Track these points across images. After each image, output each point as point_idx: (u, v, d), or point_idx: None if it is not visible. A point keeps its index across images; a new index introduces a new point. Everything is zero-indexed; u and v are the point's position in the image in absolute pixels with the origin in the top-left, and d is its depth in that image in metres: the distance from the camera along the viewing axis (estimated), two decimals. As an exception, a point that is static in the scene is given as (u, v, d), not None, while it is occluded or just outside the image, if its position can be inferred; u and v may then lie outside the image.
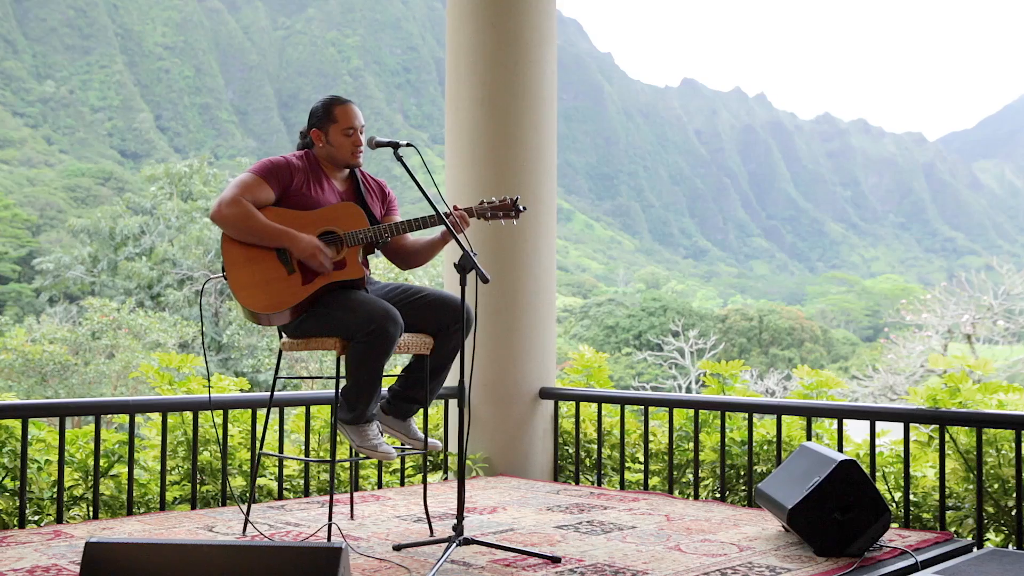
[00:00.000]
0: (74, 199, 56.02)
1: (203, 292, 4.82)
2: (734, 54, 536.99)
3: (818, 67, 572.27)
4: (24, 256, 43.12)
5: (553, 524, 4.04)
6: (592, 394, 5.33)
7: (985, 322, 27.03)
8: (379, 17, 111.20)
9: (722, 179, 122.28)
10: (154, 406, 4.39)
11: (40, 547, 3.54)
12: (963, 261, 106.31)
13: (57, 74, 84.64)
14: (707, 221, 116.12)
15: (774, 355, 45.51)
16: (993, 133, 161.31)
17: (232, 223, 3.43)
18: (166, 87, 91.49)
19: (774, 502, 3.77)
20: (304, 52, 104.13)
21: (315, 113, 3.66)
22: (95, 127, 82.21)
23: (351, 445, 3.61)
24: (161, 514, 4.26)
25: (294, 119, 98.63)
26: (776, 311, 52.10)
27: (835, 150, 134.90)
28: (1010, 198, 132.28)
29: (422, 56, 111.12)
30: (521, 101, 5.45)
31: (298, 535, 3.78)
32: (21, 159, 67.70)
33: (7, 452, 4.14)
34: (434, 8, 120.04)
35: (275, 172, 3.54)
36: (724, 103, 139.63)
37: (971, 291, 27.43)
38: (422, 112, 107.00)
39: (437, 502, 4.53)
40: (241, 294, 3.44)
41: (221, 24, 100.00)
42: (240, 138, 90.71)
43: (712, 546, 3.66)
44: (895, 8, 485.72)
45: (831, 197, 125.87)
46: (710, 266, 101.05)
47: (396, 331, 3.43)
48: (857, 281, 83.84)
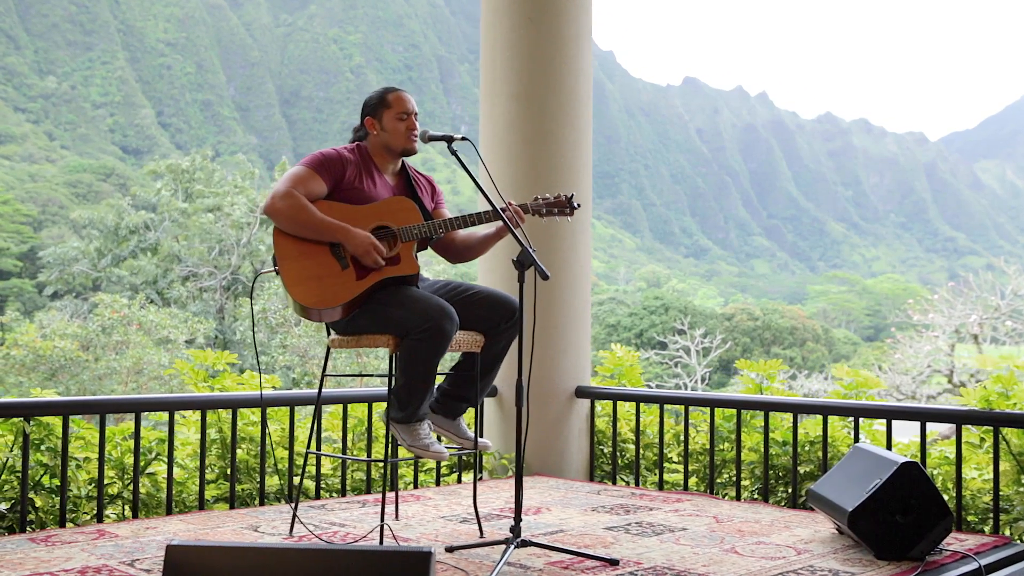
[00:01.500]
0: (75, 195, 55.96)
1: (252, 289, 4.79)
2: (736, 53, 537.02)
3: (820, 66, 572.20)
4: (26, 252, 43.08)
5: (602, 525, 3.98)
6: (630, 393, 5.27)
7: (992, 322, 26.99)
8: (381, 14, 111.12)
9: (723, 178, 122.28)
10: (194, 403, 4.32)
11: (87, 547, 3.47)
12: (964, 261, 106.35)
13: (59, 70, 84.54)
14: (708, 220, 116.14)
15: (776, 354, 45.48)
16: (994, 133, 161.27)
17: (286, 216, 3.36)
18: (168, 83, 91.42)
19: (830, 504, 3.70)
20: (306, 49, 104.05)
21: (368, 103, 3.60)
22: (96, 123, 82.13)
23: (402, 444, 3.54)
24: (201, 513, 4.19)
25: (295, 116, 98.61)
26: (778, 310, 52.10)
27: (836, 149, 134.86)
28: (1011, 198, 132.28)
29: (424, 54, 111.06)
30: (558, 96, 5.38)
31: (345, 535, 3.72)
32: (23, 155, 67.62)
33: (45, 449, 4.08)
34: (436, 6, 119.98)
35: (327, 165, 3.47)
36: (726, 102, 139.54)
37: (978, 291, 27.41)
38: (424, 109, 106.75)
39: (479, 501, 4.46)
40: (294, 289, 3.37)
41: (223, 20, 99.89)
42: (241, 135, 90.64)
43: (768, 548, 3.59)
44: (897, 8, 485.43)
45: (832, 196, 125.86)
46: (711, 265, 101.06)
47: (452, 328, 3.36)
48: (858, 281, 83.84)
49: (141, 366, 14.38)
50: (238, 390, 4.82)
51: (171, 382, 14.83)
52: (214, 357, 4.89)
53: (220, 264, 23.69)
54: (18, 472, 4.02)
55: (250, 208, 23.04)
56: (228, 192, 23.46)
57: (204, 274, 23.75)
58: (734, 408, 4.90)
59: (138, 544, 3.53)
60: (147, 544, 3.53)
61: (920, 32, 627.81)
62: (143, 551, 3.42)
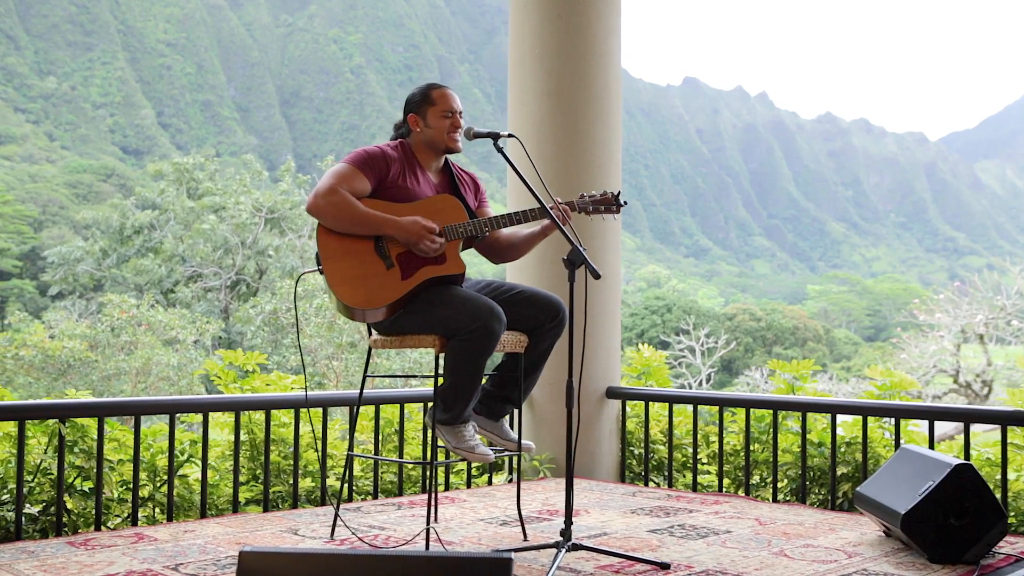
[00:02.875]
0: (76, 195, 55.92)
1: (296, 287, 4.64)
2: (736, 53, 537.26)
3: (820, 66, 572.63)
4: (26, 252, 43.01)
5: (645, 528, 3.92)
6: (662, 394, 5.21)
7: (997, 322, 26.97)
8: (381, 14, 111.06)
9: (723, 178, 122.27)
10: (228, 405, 4.26)
11: (127, 551, 3.42)
12: (964, 261, 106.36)
13: (59, 70, 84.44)
14: (708, 220, 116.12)
15: (777, 354, 45.43)
16: (995, 133, 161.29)
17: (331, 213, 3.31)
18: (168, 84, 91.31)
19: (880, 506, 3.65)
20: (306, 49, 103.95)
21: (412, 100, 3.54)
22: (97, 123, 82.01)
23: (447, 446, 3.49)
24: (237, 516, 4.13)
25: (296, 116, 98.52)
26: (779, 310, 52.07)
27: (837, 149, 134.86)
28: (1011, 198, 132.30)
29: (424, 54, 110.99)
30: (587, 93, 5.33)
31: (387, 539, 3.66)
32: (23, 155, 67.55)
33: (77, 451, 4.02)
34: (436, 6, 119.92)
35: (371, 162, 3.41)
36: (726, 102, 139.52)
37: (984, 291, 27.38)
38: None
39: (514, 504, 4.41)
40: (339, 289, 3.31)
41: (223, 21, 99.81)
42: (242, 135, 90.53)
43: (818, 552, 3.54)
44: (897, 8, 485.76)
45: (832, 196, 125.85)
46: (711, 265, 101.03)
47: (500, 328, 3.30)
48: (858, 281, 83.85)
49: (150, 366, 14.32)
50: (267, 391, 4.77)
51: (179, 383, 14.78)
52: (244, 358, 4.83)
53: (224, 264, 23.62)
54: (50, 475, 3.96)
55: (256, 208, 22.98)
56: (234, 192, 23.39)
57: (209, 274, 23.68)
58: (770, 409, 4.84)
59: (179, 548, 3.47)
60: (188, 548, 3.47)
61: (920, 32, 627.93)
62: (185, 555, 3.36)
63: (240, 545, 3.52)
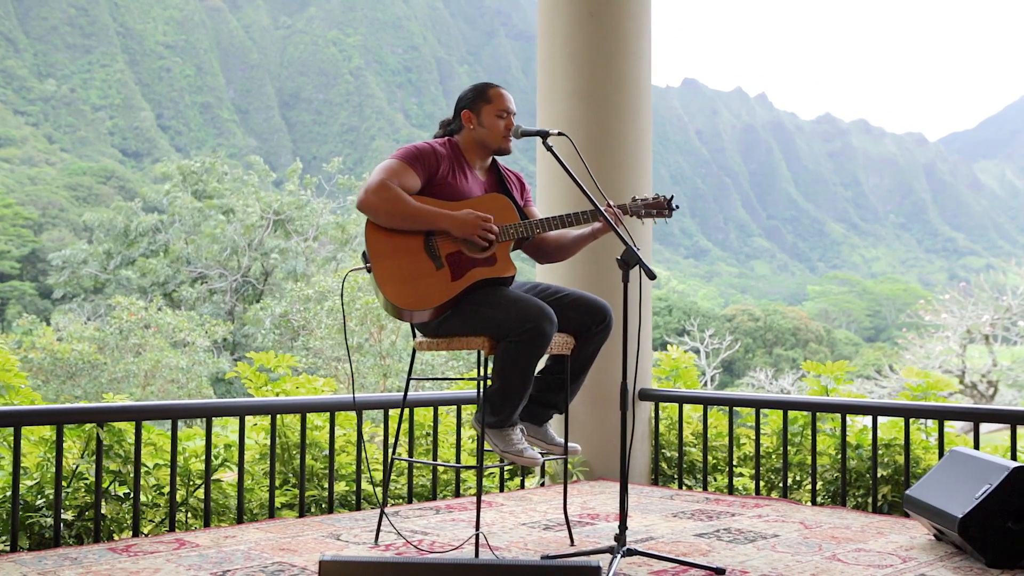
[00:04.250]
0: (76, 198, 55.82)
1: (343, 287, 4.69)
2: (735, 54, 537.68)
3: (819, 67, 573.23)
4: (27, 254, 42.90)
5: (690, 532, 3.87)
6: (697, 396, 5.15)
7: (1003, 322, 26.94)
8: (380, 16, 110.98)
9: (723, 179, 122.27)
10: (264, 408, 4.20)
11: (170, 557, 3.36)
12: (964, 261, 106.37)
13: (58, 73, 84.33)
14: (708, 221, 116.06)
15: (778, 355, 45.37)
16: (994, 133, 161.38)
17: (382, 209, 3.24)
18: (167, 86, 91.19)
19: (932, 509, 3.59)
20: (305, 51, 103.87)
21: (465, 96, 3.48)
22: (96, 126, 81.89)
23: (494, 450, 3.43)
24: (275, 521, 4.07)
25: (295, 118, 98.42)
26: (779, 311, 52.01)
27: (836, 150, 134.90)
28: (1011, 199, 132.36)
29: (423, 55, 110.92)
30: (619, 94, 5.27)
31: (432, 544, 3.60)
32: (22, 158, 67.47)
33: (112, 455, 3.96)
34: (435, 8, 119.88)
35: (420, 158, 3.35)
36: (725, 103, 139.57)
37: (990, 291, 27.35)
38: (423, 111, 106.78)
39: (553, 508, 4.36)
40: (388, 288, 3.25)
41: (222, 23, 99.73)
42: (241, 137, 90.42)
43: (871, 556, 3.48)
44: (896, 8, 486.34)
45: (832, 197, 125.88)
46: (711, 266, 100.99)
47: (552, 331, 3.25)
48: (858, 282, 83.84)
49: (159, 369, 14.25)
50: (297, 394, 4.72)
51: (188, 385, 14.71)
52: (275, 360, 4.77)
53: (230, 266, 23.55)
54: (84, 479, 3.91)
55: (263, 210, 22.90)
56: (242, 193, 23.31)
57: (214, 276, 23.61)
58: (808, 411, 4.79)
59: (223, 554, 3.41)
60: (232, 554, 3.41)
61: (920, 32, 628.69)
62: (231, 561, 3.30)
63: (284, 551, 3.46)
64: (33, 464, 3.89)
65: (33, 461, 3.91)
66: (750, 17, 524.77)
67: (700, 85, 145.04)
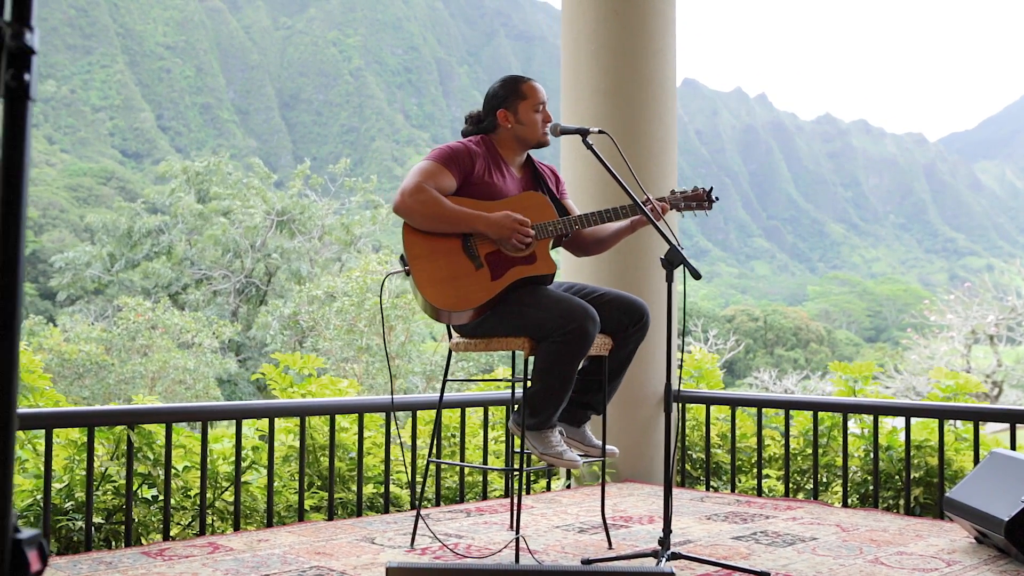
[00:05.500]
0: (76, 198, 55.79)
1: (382, 289, 4.61)
2: (735, 54, 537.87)
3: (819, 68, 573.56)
4: (27, 256, 42.82)
5: (727, 535, 3.82)
6: (725, 397, 5.10)
7: (1008, 323, 26.91)
8: (380, 17, 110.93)
9: (723, 179, 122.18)
10: (294, 410, 4.15)
11: (206, 562, 3.31)
12: (964, 262, 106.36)
13: (58, 74, 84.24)
14: (708, 221, 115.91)
15: (779, 355, 45.32)
16: (994, 134, 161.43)
17: (419, 212, 3.20)
18: (167, 87, 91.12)
19: (975, 512, 3.54)
20: (305, 52, 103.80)
21: (498, 94, 3.43)
22: (96, 126, 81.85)
23: (532, 452, 3.38)
24: (307, 524, 4.02)
25: (295, 119, 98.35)
26: (779, 311, 51.97)
27: (836, 150, 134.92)
28: (1011, 199, 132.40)
29: (423, 56, 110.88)
30: (645, 92, 5.23)
31: (468, 547, 3.55)
32: (23, 158, 67.33)
33: (141, 457, 3.91)
34: (435, 8, 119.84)
35: (456, 159, 3.31)
36: (725, 103, 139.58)
37: (996, 292, 27.32)
38: (423, 112, 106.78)
39: (583, 510, 4.31)
40: (428, 290, 3.20)
41: (222, 24, 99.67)
42: (241, 138, 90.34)
43: (913, 559, 3.44)
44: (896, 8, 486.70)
45: (832, 198, 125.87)
46: (711, 266, 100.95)
47: (595, 331, 3.20)
48: (859, 282, 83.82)
49: (166, 370, 14.20)
50: (323, 395, 4.67)
51: (195, 386, 14.66)
52: (301, 361, 4.72)
53: (233, 267, 23.49)
54: (113, 482, 3.86)
55: (267, 211, 22.83)
56: (245, 195, 23.24)
57: (217, 277, 23.55)
58: (840, 412, 4.74)
59: (258, 558, 3.36)
60: (268, 558, 3.37)
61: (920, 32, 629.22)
62: (267, 565, 3.25)
63: (320, 555, 3.42)
64: (61, 467, 3.84)
65: (60, 464, 3.86)
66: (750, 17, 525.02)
67: (700, 85, 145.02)
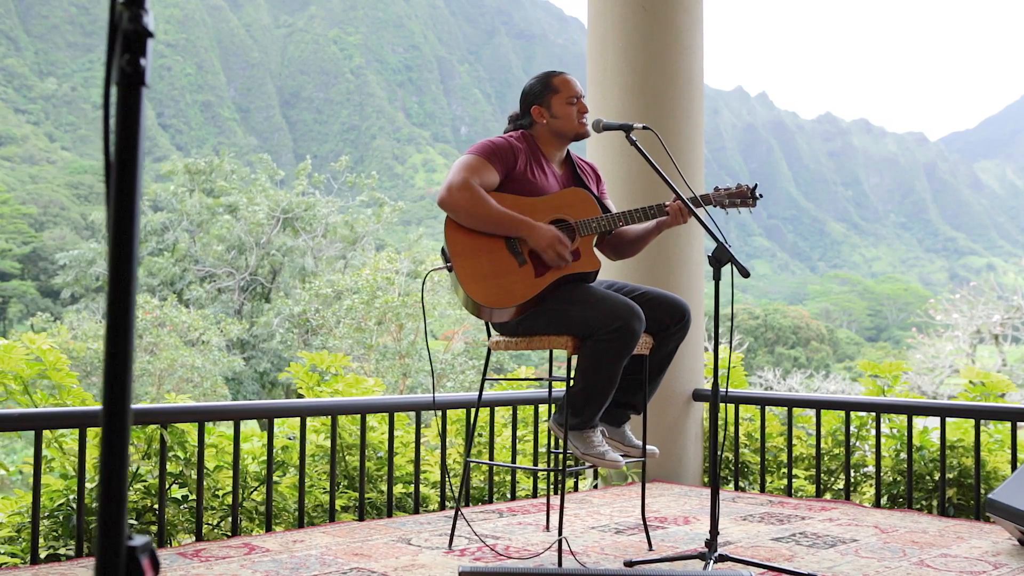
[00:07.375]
0: (77, 196, 55.74)
1: (424, 286, 4.52)
2: (736, 53, 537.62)
3: (820, 67, 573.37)
4: (28, 253, 42.78)
5: (766, 537, 3.77)
6: (754, 396, 5.05)
7: (1013, 322, 26.89)
8: (381, 15, 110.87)
9: (723, 178, 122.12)
10: (324, 409, 4.11)
11: (244, 563, 3.26)
12: (964, 261, 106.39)
13: (59, 71, 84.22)
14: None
15: (780, 354, 45.28)
16: (995, 133, 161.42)
17: (464, 209, 3.15)
18: (168, 84, 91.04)
19: (1019, 514, 3.50)
20: (306, 50, 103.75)
21: (531, 91, 3.39)
22: (97, 124, 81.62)
23: (574, 452, 3.33)
24: (340, 525, 3.98)
25: (296, 117, 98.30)
26: (779, 310, 51.93)
27: (837, 150, 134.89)
28: (1011, 198, 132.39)
29: (424, 54, 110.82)
30: (673, 88, 5.18)
31: (507, 548, 3.50)
32: (23, 156, 67.37)
33: (172, 457, 3.87)
34: (436, 7, 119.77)
35: (499, 154, 3.26)
36: (726, 102, 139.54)
37: (1001, 292, 27.29)
38: (424, 110, 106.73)
39: (616, 510, 4.27)
40: (471, 286, 3.15)
41: (223, 22, 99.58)
42: (242, 135, 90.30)
43: (959, 562, 3.39)
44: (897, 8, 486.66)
45: (832, 197, 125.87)
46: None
47: (641, 329, 3.15)
48: (859, 281, 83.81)
49: (174, 368, 14.15)
50: (351, 394, 4.62)
51: (203, 384, 14.60)
52: (329, 360, 4.68)
53: (238, 265, 23.44)
54: (143, 481, 3.81)
55: (271, 208, 22.78)
56: (249, 191, 23.19)
57: (222, 275, 23.50)
58: (872, 412, 4.69)
59: (296, 559, 3.32)
60: (305, 559, 3.32)
61: (920, 32, 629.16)
62: (307, 567, 3.21)
63: (358, 556, 3.37)
64: (91, 466, 3.79)
65: (90, 463, 3.81)
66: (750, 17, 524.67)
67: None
